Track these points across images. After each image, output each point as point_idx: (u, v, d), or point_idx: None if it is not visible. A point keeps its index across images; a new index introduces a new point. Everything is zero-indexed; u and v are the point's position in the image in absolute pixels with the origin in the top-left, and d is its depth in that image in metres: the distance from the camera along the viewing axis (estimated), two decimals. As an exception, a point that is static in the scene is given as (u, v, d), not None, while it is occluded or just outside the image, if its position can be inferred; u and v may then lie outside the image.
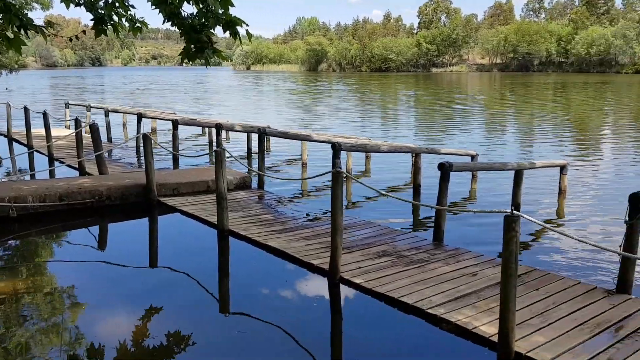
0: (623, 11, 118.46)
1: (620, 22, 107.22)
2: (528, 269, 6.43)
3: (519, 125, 26.04)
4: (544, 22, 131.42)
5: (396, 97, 47.85)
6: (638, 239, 5.72)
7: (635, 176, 13.14)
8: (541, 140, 19.91)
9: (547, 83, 68.16)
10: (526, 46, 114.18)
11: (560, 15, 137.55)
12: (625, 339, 4.75)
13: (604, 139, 20.36)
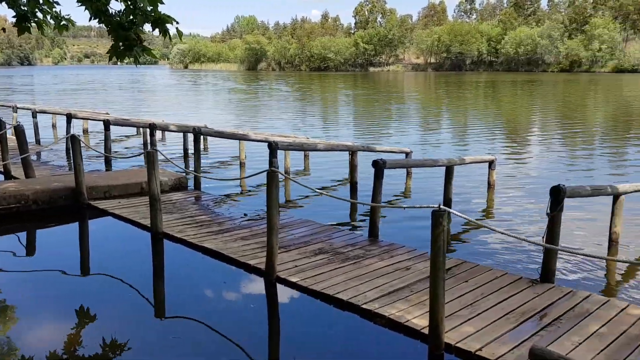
0: (548, 12, 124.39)
1: (546, 23, 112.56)
2: (458, 262, 6.66)
3: (452, 122, 26.86)
4: (475, 22, 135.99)
5: (335, 96, 48.26)
6: (559, 230, 6.04)
7: (559, 170, 13.81)
8: (472, 137, 20.62)
9: (478, 82, 70.58)
10: (458, 46, 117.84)
11: (491, 16, 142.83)
12: (548, 326, 5.00)
13: (531, 135, 21.31)
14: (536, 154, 16.45)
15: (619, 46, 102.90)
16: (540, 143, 18.88)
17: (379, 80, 80.00)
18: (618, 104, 36.07)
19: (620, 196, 7.52)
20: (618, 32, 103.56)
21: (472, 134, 21.47)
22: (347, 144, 13.38)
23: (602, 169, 13.91)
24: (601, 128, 23.51)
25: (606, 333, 4.84)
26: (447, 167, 9.75)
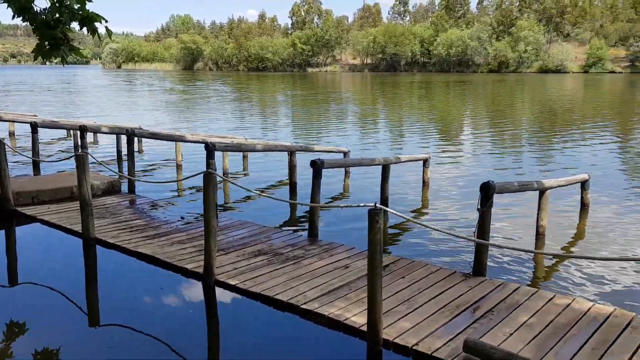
0: (477, 15, 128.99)
1: (475, 25, 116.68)
2: (395, 259, 6.80)
3: (388, 122, 27.37)
4: (408, 24, 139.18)
5: (274, 96, 48.13)
6: (489, 225, 6.28)
7: (490, 167, 14.35)
8: (408, 136, 21.10)
9: (412, 82, 72.27)
10: (393, 47, 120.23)
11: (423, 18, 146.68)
12: (481, 319, 5.19)
13: (463, 134, 22.03)
14: (468, 152, 17.01)
15: (544, 47, 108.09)
16: (472, 141, 19.55)
17: (317, 81, 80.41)
18: (543, 103, 37.86)
19: (546, 191, 7.91)
20: (542, 34, 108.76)
21: (407, 133, 21.96)
22: (285, 145, 13.38)
23: (529, 165, 14.56)
24: (528, 126, 24.59)
25: (535, 323, 5.07)
26: (383, 165, 9.93)
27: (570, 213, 9.52)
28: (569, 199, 10.02)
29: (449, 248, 7.89)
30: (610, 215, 9.48)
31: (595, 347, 4.62)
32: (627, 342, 4.72)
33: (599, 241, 8.19)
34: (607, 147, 17.76)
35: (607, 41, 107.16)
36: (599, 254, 7.41)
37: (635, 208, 9.97)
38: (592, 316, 5.19)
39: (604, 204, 10.17)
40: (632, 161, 15.52)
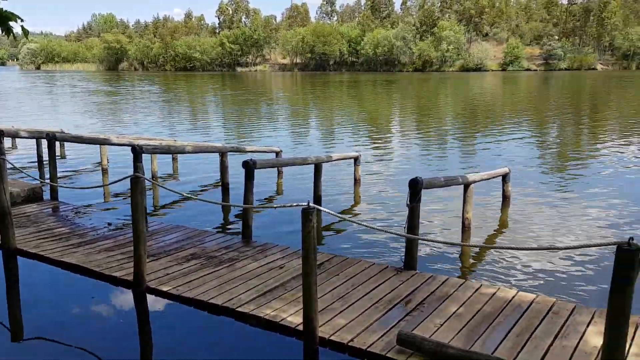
0: (401, 15, 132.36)
1: (400, 25, 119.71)
2: (329, 256, 6.88)
3: (319, 121, 27.58)
4: (336, 24, 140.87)
5: (203, 96, 47.33)
6: (418, 220, 6.47)
7: (418, 163, 14.77)
8: (339, 134, 21.35)
9: (342, 81, 73.20)
10: (322, 47, 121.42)
11: (350, 18, 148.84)
12: (413, 311, 5.34)
13: (392, 131, 22.54)
14: (397, 149, 17.43)
15: (464, 47, 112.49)
16: (401, 138, 20.05)
17: (247, 81, 79.80)
18: (466, 100, 39.36)
19: (470, 185, 8.23)
20: (463, 34, 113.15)
21: (338, 132, 22.21)
22: (216, 146, 13.19)
23: (455, 161, 15.10)
24: (453, 123, 25.50)
25: (464, 313, 5.28)
26: (315, 165, 10.00)
27: (493, 205, 9.96)
28: (492, 192, 10.48)
29: (381, 244, 8.06)
30: (530, 206, 9.99)
31: (519, 334, 4.86)
32: (549, 326, 5.00)
33: (520, 231, 8.62)
34: (525, 141, 18.71)
35: (522, 40, 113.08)
36: (520, 244, 7.81)
37: (553, 199, 10.55)
38: (516, 304, 5.46)
39: (524, 195, 10.71)
40: (548, 154, 16.42)
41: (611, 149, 16.61)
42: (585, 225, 8.83)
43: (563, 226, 8.82)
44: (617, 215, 9.37)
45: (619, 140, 18.26)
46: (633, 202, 10.15)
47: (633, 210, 9.63)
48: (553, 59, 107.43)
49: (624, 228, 8.62)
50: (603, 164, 14.17)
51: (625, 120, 25.14)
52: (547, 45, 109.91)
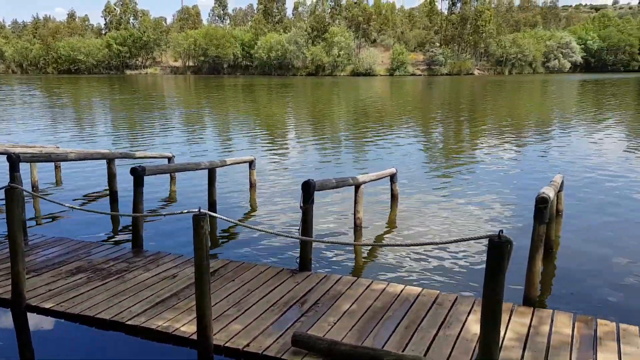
0: (294, 20, 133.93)
1: (292, 30, 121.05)
2: (224, 262, 6.82)
3: (214, 125, 27.15)
4: (229, 27, 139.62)
5: (89, 100, 44.82)
6: (312, 222, 6.60)
7: (313, 165, 14.99)
8: (235, 138, 21.18)
9: (236, 85, 72.59)
10: (215, 50, 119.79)
11: (243, 22, 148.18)
12: (308, 312, 5.44)
13: (287, 134, 22.72)
14: (292, 152, 17.61)
15: (354, 52, 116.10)
16: (295, 142, 20.27)
17: (137, 84, 76.68)
18: (357, 104, 40.60)
19: (361, 186, 8.52)
20: (352, 40, 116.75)
21: (233, 136, 22.02)
22: (103, 152, 12.56)
23: (347, 162, 15.52)
24: (345, 125, 26.18)
25: (356, 310, 5.46)
26: (209, 169, 9.86)
27: (383, 204, 10.37)
28: (382, 192, 10.90)
29: (277, 247, 8.11)
30: (416, 204, 10.52)
31: (408, 326, 5.12)
32: (434, 317, 5.31)
33: (407, 228, 9.05)
34: (412, 142, 19.65)
35: (407, 47, 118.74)
36: (407, 241, 8.20)
37: (437, 196, 11.18)
38: (404, 297, 5.74)
39: (411, 194, 11.25)
40: (432, 154, 17.37)
41: (488, 148, 17.90)
42: (466, 221, 9.45)
43: (446, 222, 9.37)
44: (494, 210, 10.12)
45: (495, 140, 19.70)
46: (508, 197, 11.02)
47: (508, 204, 10.45)
48: (435, 64, 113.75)
49: (502, 221, 9.34)
50: (482, 162, 15.22)
51: (500, 121, 27.17)
52: (429, 52, 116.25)
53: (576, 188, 11.58)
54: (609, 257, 7.63)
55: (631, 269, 7.16)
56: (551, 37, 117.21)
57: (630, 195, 11.15)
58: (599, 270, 7.18)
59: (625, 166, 14.33)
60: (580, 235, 8.61)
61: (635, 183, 12.32)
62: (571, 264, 7.43)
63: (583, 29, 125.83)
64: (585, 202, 10.58)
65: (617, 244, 8.21)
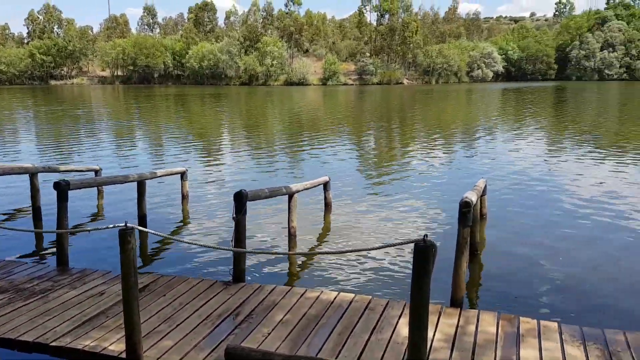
0: (225, 30, 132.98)
1: (224, 40, 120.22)
2: (155, 277, 6.67)
3: (145, 136, 26.48)
4: (159, 36, 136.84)
5: (11, 112, 42.53)
6: (245, 233, 6.58)
7: (247, 176, 14.88)
8: (167, 149, 20.71)
9: (168, 95, 71.15)
10: (145, 59, 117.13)
11: (173, 31, 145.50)
12: (242, 324, 5.40)
13: (221, 145, 22.48)
14: (226, 163, 17.45)
15: (287, 62, 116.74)
16: (229, 152, 20.09)
17: (62, 95, 73.60)
18: (291, 113, 40.78)
19: (294, 195, 8.57)
20: (285, 50, 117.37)
21: (165, 148, 21.54)
22: (24, 166, 11.97)
23: (281, 172, 15.53)
24: (279, 135, 26.22)
25: (290, 319, 5.48)
26: (138, 182, 9.61)
27: (317, 213, 10.47)
28: (315, 200, 11.00)
29: (210, 259, 8.01)
30: (350, 211, 10.68)
31: (341, 332, 5.19)
32: (367, 322, 5.41)
33: (341, 236, 9.17)
34: (345, 150, 19.93)
35: (339, 57, 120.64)
36: (341, 248, 8.32)
37: (370, 203, 11.39)
38: (338, 304, 5.81)
39: (345, 201, 11.41)
40: (365, 162, 17.70)
41: (418, 155, 18.43)
42: (397, 226, 9.69)
43: (378, 228, 9.58)
44: (424, 215, 10.43)
45: (424, 147, 20.31)
46: (436, 202, 11.38)
47: (436, 209, 10.79)
48: (366, 74, 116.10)
49: (431, 225, 9.63)
50: (411, 170, 15.66)
51: (429, 129, 28.06)
52: (360, 62, 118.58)
53: (500, 192, 12.13)
54: (531, 257, 8.04)
55: (551, 269, 7.57)
56: (474, 48, 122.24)
57: (549, 198, 11.79)
58: (522, 270, 7.55)
59: (544, 170, 15.14)
60: (504, 237, 9.02)
61: (554, 186, 13.03)
62: (495, 264, 7.77)
63: (504, 40, 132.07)
64: (508, 205, 11.09)
65: (538, 245, 8.65)
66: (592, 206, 10.92)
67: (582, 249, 8.43)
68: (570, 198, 11.68)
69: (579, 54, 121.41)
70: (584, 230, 9.38)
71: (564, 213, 10.44)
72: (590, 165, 15.92)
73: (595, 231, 9.31)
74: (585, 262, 7.84)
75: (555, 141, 22.20)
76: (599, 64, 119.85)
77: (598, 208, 10.76)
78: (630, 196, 11.76)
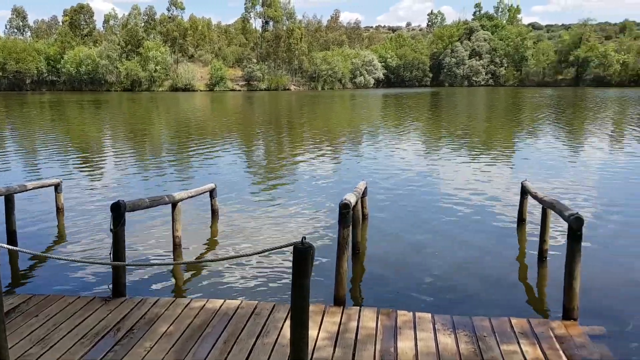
0: (104, 34, 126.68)
1: (103, 44, 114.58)
2: (26, 297, 6.23)
3: (15, 146, 24.48)
4: (30, 40, 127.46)
5: None
6: (124, 245, 6.35)
7: (129, 186, 14.28)
8: (39, 160, 19.34)
9: (42, 102, 66.40)
10: (15, 64, 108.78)
11: (47, 35, 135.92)
12: (123, 339, 5.20)
13: (100, 154, 21.37)
14: (106, 173, 16.64)
15: (172, 67, 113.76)
16: (109, 161, 19.17)
17: None
18: (177, 120, 39.74)
19: (177, 203, 8.39)
20: (169, 55, 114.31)
21: (39, 158, 20.08)
22: None
23: (166, 180, 15.09)
24: (164, 142, 25.46)
25: (174, 331, 5.37)
26: (6, 196, 8.90)
27: (203, 221, 10.33)
28: (202, 208, 10.84)
29: (88, 275, 7.64)
30: (237, 218, 10.66)
31: (227, 340, 5.18)
32: (253, 327, 5.44)
33: (228, 243, 9.13)
34: (233, 156, 19.83)
35: (226, 62, 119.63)
36: (227, 255, 8.27)
37: (258, 209, 11.42)
38: (223, 312, 5.79)
39: (232, 208, 11.37)
40: (253, 168, 17.70)
41: (305, 159, 18.77)
42: (282, 229, 9.83)
43: (264, 232, 9.65)
44: (310, 217, 10.66)
45: (311, 152, 20.70)
46: (321, 205, 11.66)
47: (321, 211, 11.06)
48: (254, 80, 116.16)
49: (316, 227, 9.87)
50: (298, 174, 15.93)
51: (315, 133, 28.66)
52: (247, 68, 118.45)
53: (381, 193, 12.70)
54: (409, 254, 8.53)
55: (427, 264, 8.07)
56: (356, 56, 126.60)
57: (426, 198, 12.54)
58: (401, 266, 7.98)
59: (423, 171, 16.06)
60: (384, 236, 9.48)
61: (430, 187, 13.88)
62: (376, 262, 8.14)
63: (383, 48, 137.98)
64: (388, 205, 11.65)
65: (416, 242, 9.19)
66: (462, 205, 11.78)
67: (453, 245, 9.06)
68: (445, 198, 12.51)
69: (451, 62, 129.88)
70: (455, 228, 10.06)
71: (439, 212, 11.15)
72: (462, 166, 17.15)
73: (465, 229, 10.04)
74: (456, 257, 8.44)
75: (431, 143, 23.62)
76: (468, 71, 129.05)
77: (468, 206, 11.63)
78: (496, 196, 12.81)
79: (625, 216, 10.73)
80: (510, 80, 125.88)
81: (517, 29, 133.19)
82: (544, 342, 5.16)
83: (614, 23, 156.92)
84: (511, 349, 5.01)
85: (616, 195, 12.55)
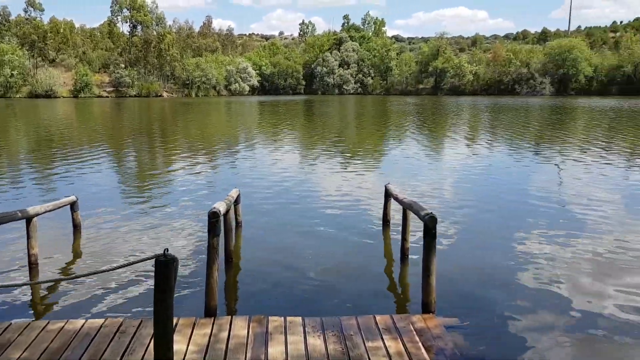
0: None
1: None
2: None
3: None
4: None
5: None
6: None
7: None
8: None
9: None
10: None
11: None
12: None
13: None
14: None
15: (31, 72, 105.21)
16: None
17: None
18: (37, 128, 36.73)
19: (33, 218, 7.77)
20: (27, 59, 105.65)
21: None
22: None
23: (22, 195, 13.88)
24: (23, 152, 23.43)
25: (29, 357, 4.97)
26: None
27: (64, 237, 9.66)
28: (62, 223, 10.14)
29: None
30: (103, 231, 10.09)
31: (88, 361, 4.89)
32: (117, 346, 5.19)
33: (92, 258, 8.61)
34: (99, 166, 18.74)
35: (91, 67, 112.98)
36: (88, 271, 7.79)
37: (127, 222, 10.88)
38: (84, 333, 5.46)
39: (97, 221, 10.74)
40: (122, 178, 16.87)
41: (178, 168, 18.26)
42: (151, 241, 9.46)
43: (132, 246, 9.22)
44: (181, 228, 10.38)
45: (184, 160, 20.17)
46: (194, 215, 11.41)
47: (194, 221, 10.82)
48: (123, 86, 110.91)
49: (187, 237, 9.64)
50: (170, 184, 15.46)
51: (189, 141, 28.00)
52: (115, 73, 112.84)
53: (256, 200, 12.72)
54: (282, 260, 8.61)
55: (300, 269, 8.20)
56: (230, 63, 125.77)
57: (301, 204, 12.74)
58: (274, 272, 8.03)
59: (298, 178, 16.29)
60: (259, 243, 9.50)
61: (305, 193, 14.12)
62: (250, 270, 8.14)
63: (257, 55, 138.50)
64: (263, 212, 11.69)
65: (289, 247, 9.31)
66: (334, 208, 12.16)
67: (325, 249, 9.28)
68: (318, 203, 12.82)
69: (322, 71, 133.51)
70: (327, 232, 10.32)
71: (312, 217, 11.38)
72: (334, 171, 17.68)
73: (335, 233, 10.34)
74: (327, 261, 8.65)
75: (306, 150, 24.09)
76: (338, 80, 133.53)
77: (339, 210, 12.02)
78: (364, 199, 13.37)
79: (475, 213, 11.72)
80: (377, 89, 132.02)
81: (382, 41, 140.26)
82: (405, 336, 5.49)
83: (467, 37, 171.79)
84: (375, 345, 5.27)
85: (467, 196, 13.65)
